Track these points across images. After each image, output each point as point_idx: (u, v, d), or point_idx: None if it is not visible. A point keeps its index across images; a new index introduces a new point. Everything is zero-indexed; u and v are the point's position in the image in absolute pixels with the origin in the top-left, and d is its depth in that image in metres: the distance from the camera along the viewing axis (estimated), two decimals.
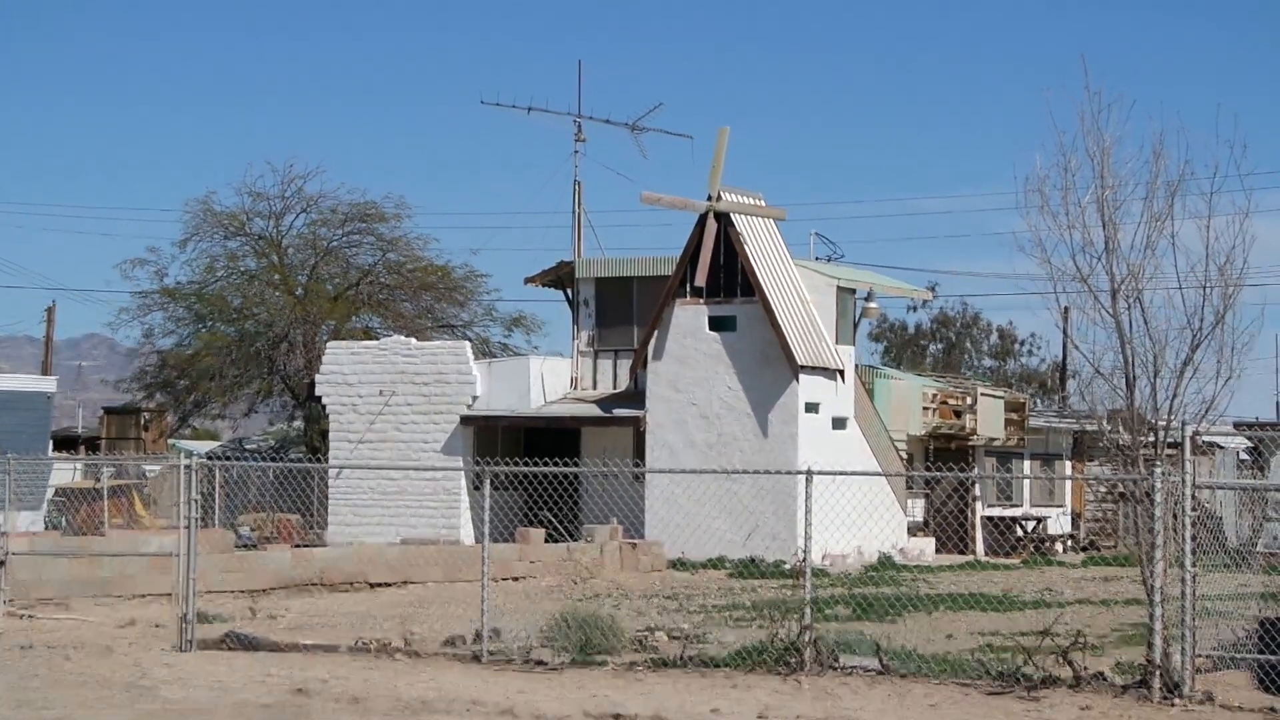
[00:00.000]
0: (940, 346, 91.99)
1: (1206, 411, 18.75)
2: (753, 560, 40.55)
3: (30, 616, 26.74)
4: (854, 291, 46.67)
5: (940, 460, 48.46)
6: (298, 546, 38.41)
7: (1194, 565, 17.79)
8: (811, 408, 43.17)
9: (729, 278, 43.06)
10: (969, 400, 51.48)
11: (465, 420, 45.98)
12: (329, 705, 17.77)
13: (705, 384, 43.37)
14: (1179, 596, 17.76)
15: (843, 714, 17.15)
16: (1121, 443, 19.28)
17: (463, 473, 44.64)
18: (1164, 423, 18.76)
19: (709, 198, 42.89)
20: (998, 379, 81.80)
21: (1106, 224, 18.89)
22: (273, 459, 55.79)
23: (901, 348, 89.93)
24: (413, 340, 48.74)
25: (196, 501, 22.45)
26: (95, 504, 43.47)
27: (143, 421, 56.98)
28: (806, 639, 19.65)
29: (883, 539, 43.95)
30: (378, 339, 51.77)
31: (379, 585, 33.98)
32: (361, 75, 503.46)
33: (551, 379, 46.93)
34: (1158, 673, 17.79)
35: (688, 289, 43.35)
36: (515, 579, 35.65)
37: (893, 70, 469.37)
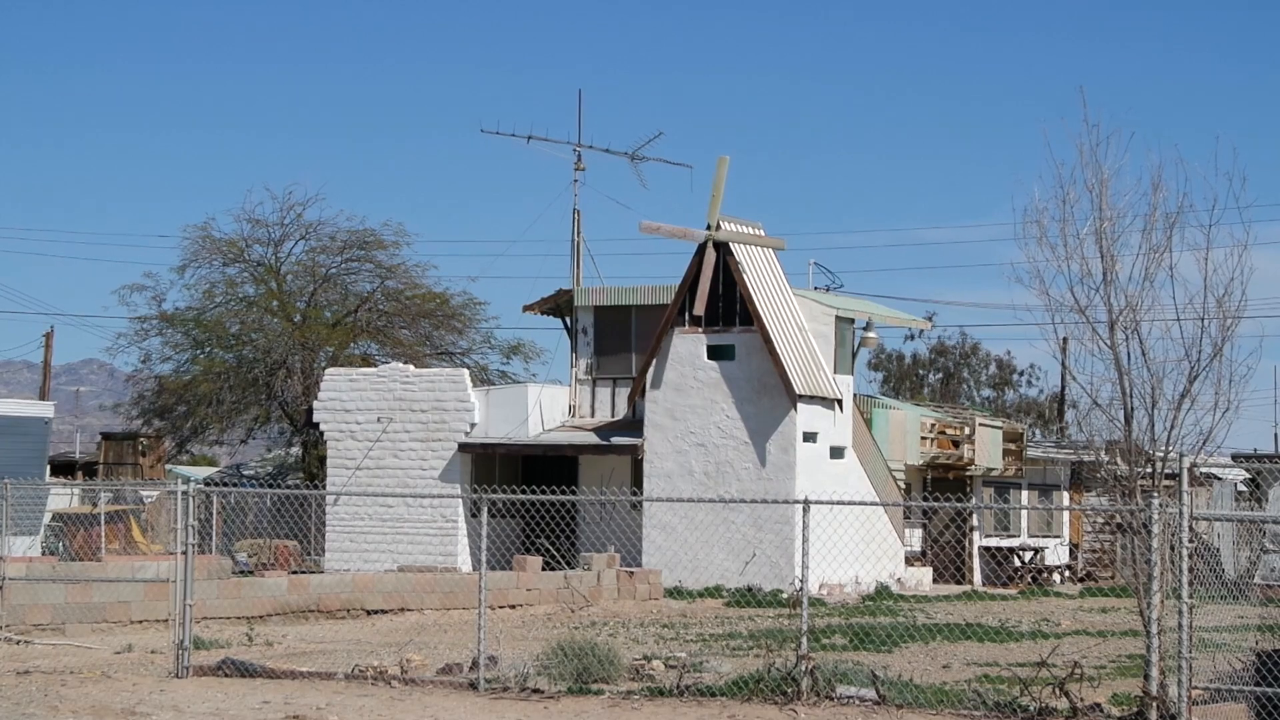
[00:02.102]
0: (938, 376, 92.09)
1: (1204, 443, 18.75)
2: (750, 589, 40.53)
3: (26, 642, 26.72)
4: (852, 321, 46.70)
5: (938, 490, 48.55)
6: (295, 573, 38.43)
7: (1191, 597, 17.77)
8: (809, 437, 43.18)
9: (728, 307, 43.10)
10: (967, 430, 51.49)
11: (463, 448, 45.97)
12: None
13: (703, 413, 43.38)
14: (1176, 628, 17.74)
15: None
16: (1119, 474, 19.28)
17: (460, 500, 44.62)
18: (1162, 454, 18.76)
19: (708, 227, 42.93)
20: (996, 409, 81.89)
21: (1105, 255, 18.91)
22: (270, 485, 55.76)
23: (900, 378, 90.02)
24: (411, 367, 48.74)
25: (194, 527, 22.45)
26: (92, 529, 43.43)
27: (140, 447, 56.94)
28: (803, 669, 19.64)
29: (880, 569, 43.97)
30: (376, 366, 51.75)
31: (376, 612, 33.96)
32: (361, 103, 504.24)
33: (550, 407, 46.92)
34: (1154, 705, 17.77)
35: (686, 318, 43.37)
36: (512, 607, 35.64)
37: (892, 101, 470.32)
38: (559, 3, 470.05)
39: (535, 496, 23.14)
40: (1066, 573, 52.50)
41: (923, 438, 49.69)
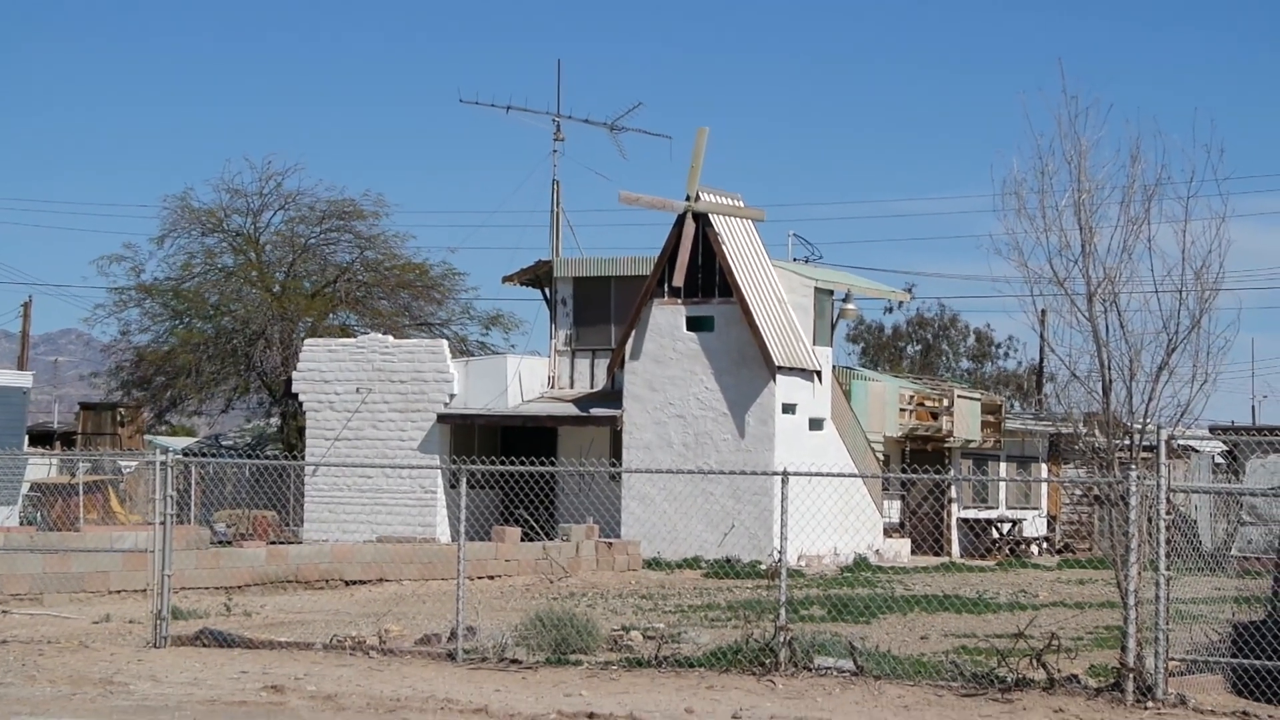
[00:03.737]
0: (917, 348, 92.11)
1: (1182, 415, 18.77)
2: (728, 560, 40.57)
3: (4, 612, 26.70)
4: (832, 293, 46.71)
5: (917, 462, 48.56)
6: (273, 544, 38.38)
7: (1168, 569, 17.83)
8: (788, 408, 43.21)
9: (707, 278, 43.08)
10: (946, 402, 51.55)
11: (442, 419, 45.95)
12: (303, 703, 17.76)
13: (682, 384, 43.38)
14: (1153, 600, 17.79)
15: (816, 715, 17.17)
16: (1097, 446, 19.28)
17: (439, 471, 44.61)
18: (1139, 426, 18.78)
19: (687, 198, 42.90)
20: (975, 381, 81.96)
21: (1083, 227, 18.90)
22: (249, 456, 55.69)
23: (879, 349, 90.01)
24: (390, 338, 48.69)
25: (172, 498, 22.43)
26: (71, 500, 43.37)
27: (119, 417, 56.83)
28: (781, 640, 19.67)
29: (859, 540, 44.03)
30: (355, 336, 51.68)
31: (354, 583, 33.96)
32: (340, 73, 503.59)
33: (529, 378, 46.91)
34: (1131, 676, 17.82)
35: (665, 289, 43.36)
36: (491, 578, 35.65)
37: (872, 72, 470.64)
38: None
39: (514, 468, 23.14)
40: (1044, 544, 52.60)
41: (901, 409, 49.75)
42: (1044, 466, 56.21)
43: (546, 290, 48.84)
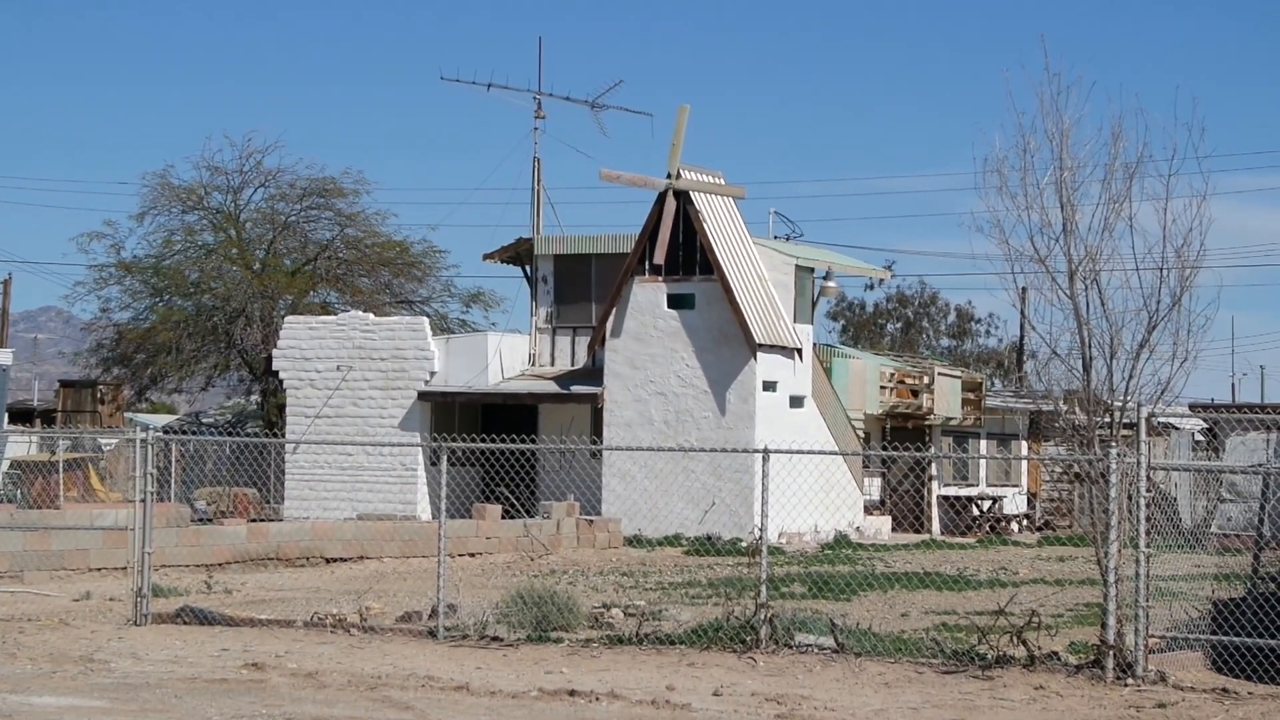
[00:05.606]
0: (898, 326, 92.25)
1: (1162, 393, 18.80)
2: (709, 538, 40.58)
3: None
4: (812, 270, 46.74)
5: (897, 439, 48.66)
6: (254, 521, 38.34)
7: (1148, 546, 17.86)
8: (769, 386, 43.23)
9: (688, 256, 43.07)
10: (926, 380, 51.58)
11: (423, 396, 45.93)
12: (284, 680, 17.74)
13: (663, 362, 43.39)
14: (1133, 577, 17.82)
15: (797, 692, 17.19)
16: (1077, 423, 19.30)
17: (420, 449, 44.61)
18: (1120, 404, 18.80)
19: (668, 175, 42.89)
20: (955, 359, 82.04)
21: (1064, 205, 18.91)
22: (229, 434, 55.61)
23: (859, 327, 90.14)
24: (370, 316, 48.66)
25: (152, 475, 22.38)
26: (51, 477, 43.29)
27: (99, 395, 56.76)
28: (762, 617, 19.68)
29: (839, 518, 44.08)
30: (335, 314, 51.61)
31: (335, 561, 33.95)
32: (321, 50, 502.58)
33: (509, 355, 46.90)
34: (1111, 653, 17.86)
35: (646, 267, 43.35)
36: (472, 555, 35.66)
37: (853, 50, 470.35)
38: None
39: (495, 445, 23.10)
40: (1024, 522, 52.69)
41: (882, 387, 49.78)
42: (1024, 444, 56.29)
43: (527, 268, 48.81)
